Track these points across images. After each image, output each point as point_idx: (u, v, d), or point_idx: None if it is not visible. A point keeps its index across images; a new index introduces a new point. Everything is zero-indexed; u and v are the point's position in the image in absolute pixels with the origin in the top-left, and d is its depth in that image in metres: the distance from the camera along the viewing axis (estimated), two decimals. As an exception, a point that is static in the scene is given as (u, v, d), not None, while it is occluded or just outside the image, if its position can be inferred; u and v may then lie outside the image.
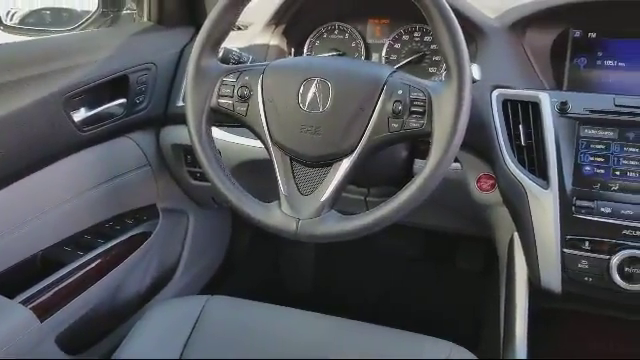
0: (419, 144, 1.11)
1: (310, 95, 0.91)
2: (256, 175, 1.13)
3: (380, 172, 1.10)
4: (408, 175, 1.12)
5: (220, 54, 1.03)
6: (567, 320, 1.13)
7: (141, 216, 1.38)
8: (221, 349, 0.96)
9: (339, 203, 0.92)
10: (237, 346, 0.96)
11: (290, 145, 0.92)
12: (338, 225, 0.89)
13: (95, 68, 1.16)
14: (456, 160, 1.11)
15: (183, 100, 1.20)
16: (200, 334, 0.98)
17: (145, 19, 1.41)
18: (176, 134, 1.31)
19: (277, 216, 0.91)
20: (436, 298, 1.76)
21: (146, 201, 1.37)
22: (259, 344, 0.96)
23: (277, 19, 1.26)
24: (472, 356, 0.94)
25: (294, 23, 1.28)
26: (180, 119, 1.19)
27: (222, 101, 0.95)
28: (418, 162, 1.11)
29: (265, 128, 0.93)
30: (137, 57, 1.25)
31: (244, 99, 0.94)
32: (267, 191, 0.96)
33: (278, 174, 0.93)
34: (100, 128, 1.19)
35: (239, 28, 1.32)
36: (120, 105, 1.23)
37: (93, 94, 1.17)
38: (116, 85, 1.21)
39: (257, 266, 1.84)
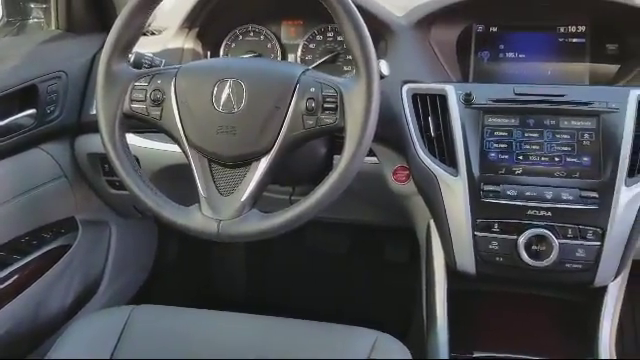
0: (337, 140, 1.13)
1: (224, 96, 0.91)
2: (177, 180, 1.12)
3: (301, 170, 1.12)
4: (329, 171, 1.14)
5: (131, 59, 1.02)
6: (485, 300, 1.19)
7: (59, 229, 1.33)
8: (150, 358, 0.95)
9: (265, 204, 0.93)
10: (166, 353, 0.95)
11: (207, 147, 0.92)
12: (259, 223, 0.90)
13: (1, 78, 1.12)
14: (373, 154, 1.15)
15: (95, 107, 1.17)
16: (126, 345, 0.96)
17: (53, 27, 1.37)
18: (91, 143, 1.28)
19: (198, 219, 0.91)
20: (367, 291, 1.81)
21: (64, 213, 1.33)
22: (188, 349, 0.96)
23: (190, 22, 1.26)
24: (397, 342, 0.97)
25: (208, 26, 1.28)
26: (94, 127, 1.15)
27: (135, 106, 0.94)
28: (337, 158, 1.14)
29: (181, 131, 0.93)
30: (46, 66, 1.21)
31: (157, 103, 0.94)
32: (189, 195, 0.96)
33: (197, 176, 0.93)
34: (9, 140, 1.14)
35: (152, 33, 1.31)
36: (30, 116, 1.19)
37: (0, 105, 1.13)
38: (25, 95, 1.17)
39: (188, 273, 1.82)
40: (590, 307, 1.08)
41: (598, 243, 0.97)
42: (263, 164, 0.91)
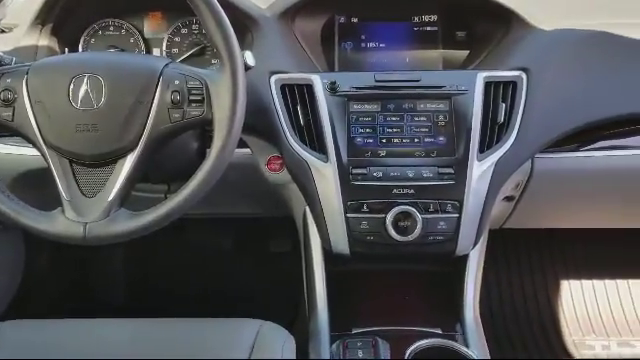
0: (208, 133, 1.13)
1: (82, 92, 0.88)
2: (39, 186, 1.06)
3: (173, 166, 1.10)
4: None
5: None
6: (362, 279, 1.24)
7: None
8: None
9: (141, 204, 0.91)
10: None
11: (66, 147, 0.88)
12: (129, 223, 0.88)
13: None
14: (246, 146, 1.16)
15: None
16: None
17: None
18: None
19: (61, 223, 0.87)
20: (254, 283, 1.81)
21: None
22: None
23: (43, 18, 1.18)
24: (281, 329, 0.99)
25: (64, 21, 1.22)
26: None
27: None
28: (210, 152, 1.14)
29: (37, 132, 0.88)
30: None
31: (8, 103, 0.88)
32: (53, 201, 0.91)
33: (57, 179, 0.89)
34: None
35: (2, 31, 1.22)
36: None
37: None
38: None
39: (61, 283, 1.72)
40: (455, 275, 1.17)
41: (457, 215, 1.05)
42: (129, 161, 0.89)
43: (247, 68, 0.93)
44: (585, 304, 1.81)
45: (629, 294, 1.83)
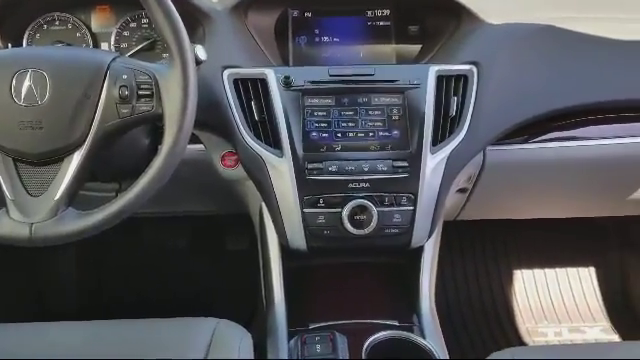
0: (160, 129, 1.11)
1: (25, 88, 0.85)
2: None
3: (124, 163, 1.08)
4: None
5: None
6: (320, 274, 1.24)
7: None
8: None
9: (92, 204, 0.88)
10: None
11: (9, 145, 0.85)
12: (78, 222, 0.85)
13: None
14: (199, 142, 1.14)
15: None
16: None
17: None
18: None
19: (5, 224, 0.84)
20: (211, 282, 1.79)
21: None
22: None
23: (-18, 12, 1.14)
24: (238, 327, 0.98)
25: (6, 16, 1.17)
26: None
27: None
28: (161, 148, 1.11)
29: None
30: None
31: None
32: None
33: (1, 178, 0.85)
34: None
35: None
36: None
37: None
38: None
39: (10, 287, 1.66)
40: (411, 267, 1.18)
41: (411, 207, 1.06)
42: (76, 159, 0.86)
43: (198, 62, 0.92)
44: (538, 293, 1.87)
45: (579, 282, 1.89)
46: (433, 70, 1.09)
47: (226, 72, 1.09)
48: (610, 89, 1.16)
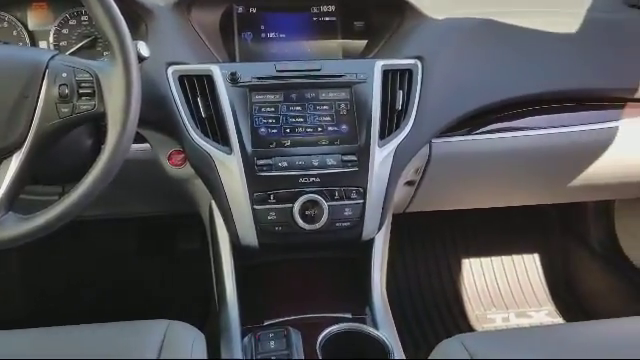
0: (103, 128, 1.08)
1: None
2: None
3: (66, 165, 1.05)
4: None
5: None
6: (272, 271, 1.24)
7: None
8: None
9: (33, 208, 0.85)
10: None
11: None
12: (18, 227, 0.82)
13: None
14: (145, 140, 1.12)
15: None
16: None
17: None
18: None
19: None
20: (163, 284, 1.76)
21: None
22: None
23: None
24: (191, 328, 0.96)
25: None
26: None
27: None
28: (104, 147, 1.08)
29: None
30: None
31: None
32: None
33: None
34: None
35: None
36: None
37: None
38: None
39: None
40: (362, 259, 1.19)
41: (361, 201, 1.07)
42: (15, 161, 0.83)
43: (141, 59, 0.90)
44: (485, 280, 1.92)
45: (524, 268, 1.96)
46: (379, 65, 1.11)
47: (170, 69, 1.07)
48: (547, 80, 1.20)
